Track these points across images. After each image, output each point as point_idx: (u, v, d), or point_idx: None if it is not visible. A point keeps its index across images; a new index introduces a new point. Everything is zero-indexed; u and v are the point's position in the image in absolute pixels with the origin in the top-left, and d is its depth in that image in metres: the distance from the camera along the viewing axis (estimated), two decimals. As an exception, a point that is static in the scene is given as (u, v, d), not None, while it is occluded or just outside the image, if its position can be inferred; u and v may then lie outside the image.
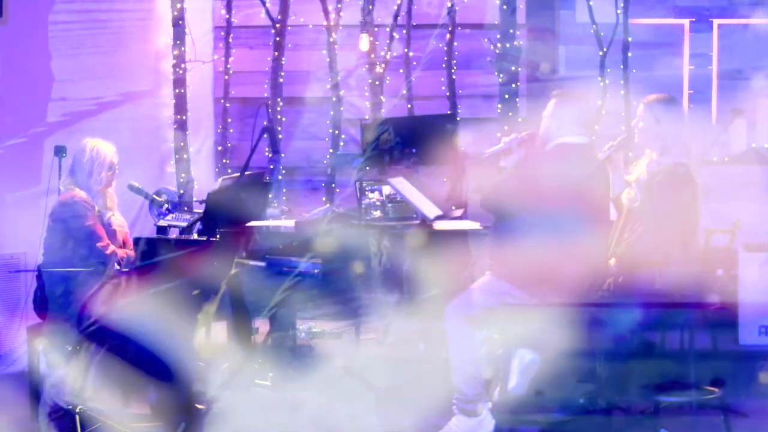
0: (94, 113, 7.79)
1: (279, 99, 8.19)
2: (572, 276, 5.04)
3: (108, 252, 5.56)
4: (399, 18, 8.14)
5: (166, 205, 5.98)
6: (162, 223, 5.87)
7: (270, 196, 6.26)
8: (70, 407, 5.18)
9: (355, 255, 5.82)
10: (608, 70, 7.92)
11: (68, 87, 7.74)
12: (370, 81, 8.15)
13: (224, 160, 8.22)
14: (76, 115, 7.71)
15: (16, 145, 7.43)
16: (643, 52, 8.03)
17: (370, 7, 8.10)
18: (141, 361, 5.06)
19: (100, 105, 7.82)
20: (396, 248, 5.94)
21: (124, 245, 5.81)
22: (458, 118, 7.73)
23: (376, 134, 6.33)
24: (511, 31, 7.85)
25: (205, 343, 5.25)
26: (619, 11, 7.92)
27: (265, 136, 5.66)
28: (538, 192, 5.06)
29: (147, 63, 8.06)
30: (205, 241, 5.40)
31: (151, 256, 5.30)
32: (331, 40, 8.16)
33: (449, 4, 8.10)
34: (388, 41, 8.14)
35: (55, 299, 5.55)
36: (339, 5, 8.16)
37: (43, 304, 5.69)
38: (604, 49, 7.88)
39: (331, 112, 8.19)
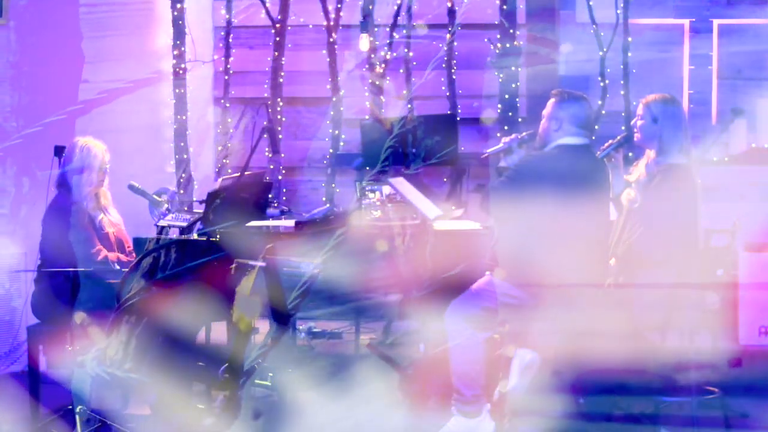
0: (116, 96, 7.88)
1: (279, 99, 8.19)
2: (572, 276, 5.04)
3: (99, 258, 5.56)
4: (399, 18, 8.14)
5: (166, 205, 5.98)
6: (162, 223, 5.87)
7: (270, 196, 6.26)
8: (109, 378, 5.16)
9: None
10: (608, 70, 7.91)
11: (89, 68, 7.83)
12: (370, 81, 8.15)
13: (224, 160, 8.22)
14: (101, 96, 7.81)
15: (51, 124, 7.51)
16: (643, 51, 8.03)
17: (370, 7, 8.10)
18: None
19: (123, 87, 7.90)
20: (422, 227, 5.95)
21: (121, 244, 5.81)
22: (458, 118, 7.74)
23: (400, 118, 6.34)
24: (511, 31, 7.85)
25: (241, 317, 5.24)
26: (619, 11, 7.91)
27: (265, 136, 5.65)
28: (538, 193, 5.06)
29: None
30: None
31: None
32: (331, 40, 8.16)
33: (449, 4, 8.11)
34: (388, 41, 8.14)
35: (54, 301, 5.56)
36: (339, 5, 8.16)
37: (41, 306, 5.69)
38: (604, 49, 7.88)
39: (331, 112, 8.19)
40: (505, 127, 7.73)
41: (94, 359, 5.06)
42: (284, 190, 8.16)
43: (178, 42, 7.97)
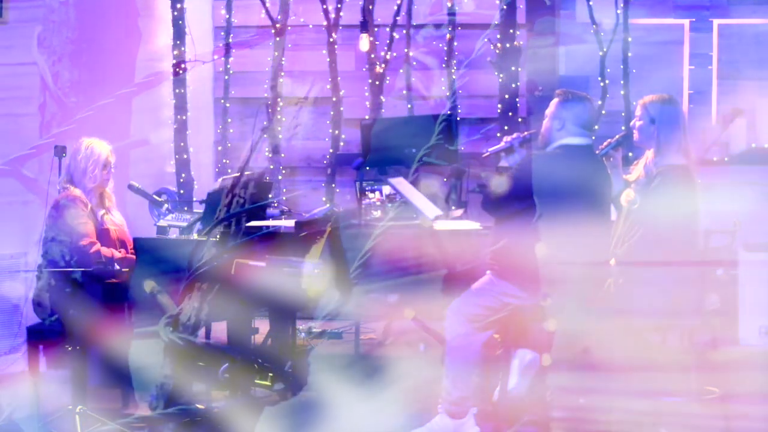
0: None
1: (279, 99, 8.19)
2: (573, 276, 5.04)
3: (92, 251, 5.56)
4: (399, 18, 8.15)
5: (166, 205, 5.99)
6: (162, 223, 5.88)
7: (270, 196, 6.26)
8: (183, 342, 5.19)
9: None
10: (608, 70, 7.92)
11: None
12: (370, 81, 8.16)
13: (224, 160, 8.22)
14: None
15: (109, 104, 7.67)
16: (643, 52, 8.03)
17: (370, 7, 8.11)
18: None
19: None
20: None
21: (123, 245, 5.82)
22: (458, 118, 7.75)
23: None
24: (511, 31, 7.85)
25: (311, 283, 5.25)
26: (619, 11, 7.92)
27: (265, 136, 5.65)
28: (539, 192, 5.06)
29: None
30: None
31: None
32: (331, 40, 8.16)
33: (449, 4, 8.11)
34: (388, 41, 8.14)
35: (54, 300, 5.56)
36: (339, 5, 8.16)
37: (42, 305, 5.69)
38: (604, 49, 7.89)
39: (331, 112, 8.19)
40: (505, 127, 7.74)
41: (167, 326, 5.08)
42: (284, 189, 8.16)
43: (178, 42, 7.97)
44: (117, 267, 5.62)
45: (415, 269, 5.83)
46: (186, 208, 6.37)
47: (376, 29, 8.14)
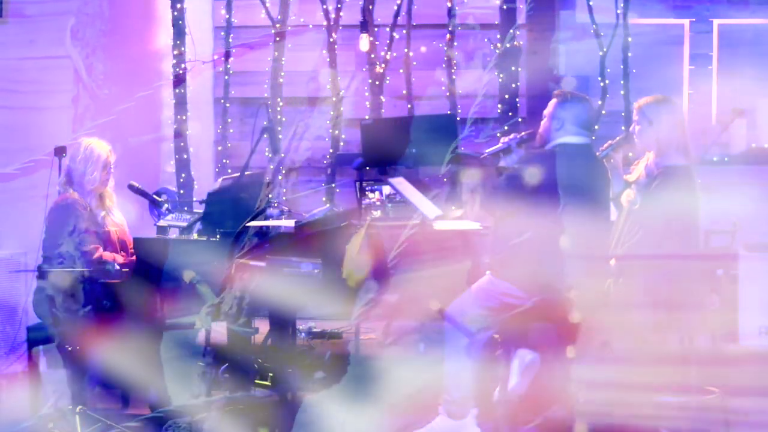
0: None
1: (279, 99, 8.19)
2: (572, 276, 5.05)
3: (94, 257, 5.56)
4: (399, 18, 8.15)
5: (166, 205, 5.99)
6: (162, 223, 5.88)
7: (270, 196, 6.26)
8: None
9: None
10: (608, 70, 7.92)
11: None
12: (370, 81, 8.15)
13: (224, 160, 8.22)
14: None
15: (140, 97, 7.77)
16: (643, 52, 8.03)
17: (370, 7, 8.11)
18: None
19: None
20: None
21: (124, 245, 5.82)
22: (458, 118, 7.74)
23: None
24: (511, 31, 7.85)
25: (350, 273, 5.28)
26: (619, 11, 7.92)
27: (265, 136, 5.66)
28: (538, 192, 5.06)
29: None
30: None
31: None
32: (331, 40, 8.16)
33: (449, 4, 8.11)
34: (388, 41, 8.14)
35: (54, 301, 5.56)
36: (339, 5, 8.16)
37: (42, 305, 5.69)
38: (604, 49, 7.89)
39: (331, 112, 8.19)
40: (505, 127, 7.74)
41: (208, 314, 5.10)
42: (284, 190, 8.16)
43: (178, 42, 7.97)
44: (117, 267, 5.63)
45: (443, 261, 5.85)
46: (186, 208, 6.37)
47: (376, 29, 8.14)
